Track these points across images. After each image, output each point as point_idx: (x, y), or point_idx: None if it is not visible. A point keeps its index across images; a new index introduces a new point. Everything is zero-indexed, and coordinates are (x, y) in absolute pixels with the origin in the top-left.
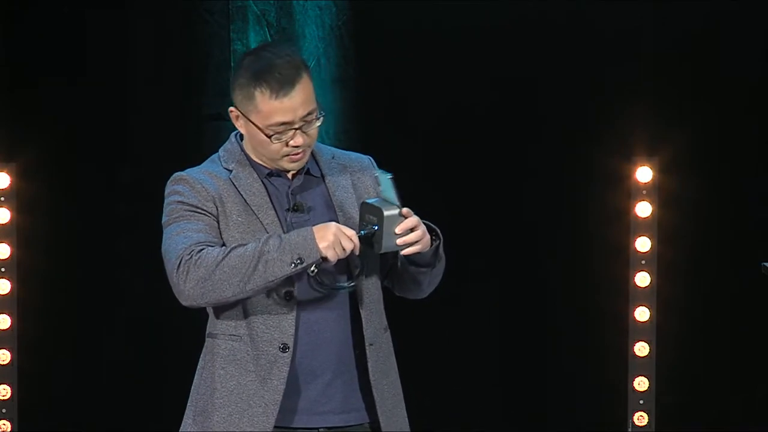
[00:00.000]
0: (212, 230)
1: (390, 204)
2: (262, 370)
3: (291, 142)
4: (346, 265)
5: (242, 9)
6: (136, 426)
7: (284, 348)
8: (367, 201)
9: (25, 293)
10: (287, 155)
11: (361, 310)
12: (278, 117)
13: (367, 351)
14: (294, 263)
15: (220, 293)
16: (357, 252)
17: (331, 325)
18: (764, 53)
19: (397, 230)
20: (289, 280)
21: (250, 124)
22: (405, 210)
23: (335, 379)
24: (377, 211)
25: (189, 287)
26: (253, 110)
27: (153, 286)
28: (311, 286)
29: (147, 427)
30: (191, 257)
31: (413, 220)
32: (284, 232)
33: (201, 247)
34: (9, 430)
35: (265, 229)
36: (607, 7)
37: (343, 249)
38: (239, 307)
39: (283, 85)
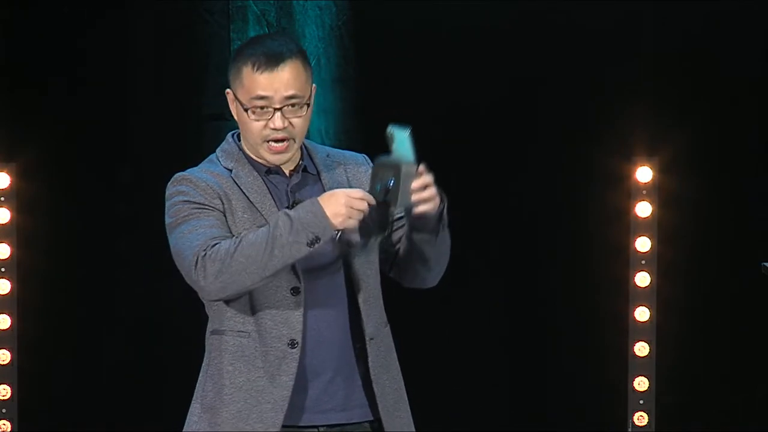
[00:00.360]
0: (223, 225)
1: (406, 160)
2: (270, 366)
3: (270, 123)
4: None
5: (242, 9)
6: (136, 426)
7: (293, 344)
8: (381, 159)
9: (25, 293)
10: (267, 141)
11: (360, 304)
12: (258, 90)
13: (368, 345)
14: (311, 243)
15: (240, 284)
16: (373, 203)
17: (332, 321)
18: (764, 53)
19: (414, 186)
20: (296, 276)
21: (237, 102)
22: (421, 167)
23: (336, 376)
24: (394, 167)
25: (209, 283)
26: (239, 86)
27: (153, 286)
28: (342, 248)
29: (147, 427)
30: (206, 253)
31: (428, 177)
32: None
33: (215, 242)
34: (9, 430)
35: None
36: (607, 7)
37: (359, 212)
38: (246, 303)
39: (268, 59)
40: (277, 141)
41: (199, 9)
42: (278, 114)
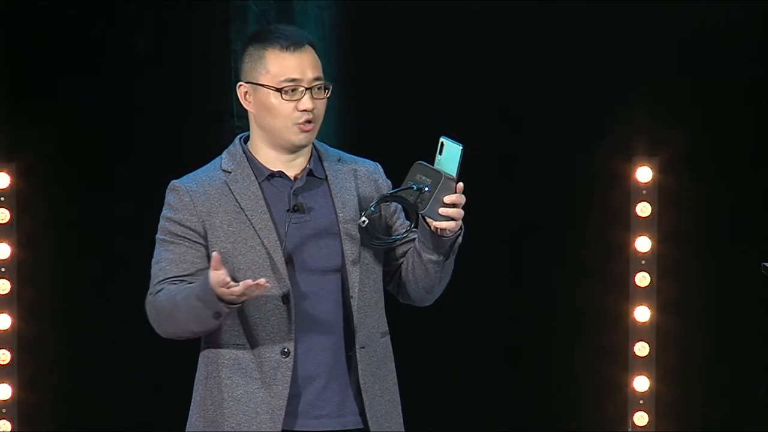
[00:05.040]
0: (185, 258)
1: (449, 172)
2: (266, 376)
3: (300, 105)
4: (372, 224)
5: (242, 9)
6: (137, 426)
7: (285, 353)
8: (423, 162)
9: (25, 293)
10: (296, 124)
11: (353, 312)
12: (289, 73)
13: (357, 354)
14: (215, 316)
15: (179, 336)
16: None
17: (325, 328)
18: (764, 52)
19: (446, 200)
20: (283, 283)
21: (260, 89)
22: (460, 185)
23: (330, 382)
24: (435, 174)
25: (154, 327)
26: (263, 72)
27: None
28: (363, 238)
29: (147, 427)
30: (150, 298)
31: (462, 198)
32: (284, 233)
33: (161, 287)
34: (9, 430)
35: (258, 234)
36: (607, 7)
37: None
38: (239, 316)
39: (292, 41)
40: (306, 121)
41: (199, 9)
42: (308, 94)
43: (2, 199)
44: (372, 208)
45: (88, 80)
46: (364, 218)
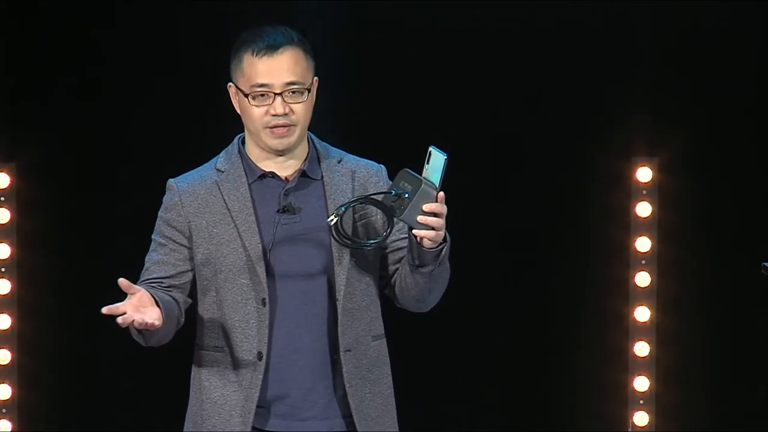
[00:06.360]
0: (167, 261)
1: (430, 181)
2: (243, 379)
3: (270, 109)
4: (365, 227)
5: (242, 9)
6: (137, 426)
7: (260, 356)
8: (409, 170)
9: (25, 293)
10: (269, 127)
11: (339, 315)
12: (258, 78)
13: (342, 357)
14: (138, 335)
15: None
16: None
17: (310, 330)
18: (764, 53)
19: (425, 208)
20: (261, 286)
21: (239, 93)
22: (441, 194)
23: (317, 384)
24: (416, 181)
25: None
26: (240, 75)
27: None
28: (333, 237)
29: (147, 426)
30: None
31: (442, 207)
32: (272, 234)
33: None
34: (9, 430)
35: (240, 236)
36: (607, 7)
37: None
38: (220, 320)
39: (267, 45)
40: (278, 126)
41: (199, 9)
42: (279, 99)
43: (2, 199)
44: (343, 208)
45: (87, 80)
46: (333, 216)
